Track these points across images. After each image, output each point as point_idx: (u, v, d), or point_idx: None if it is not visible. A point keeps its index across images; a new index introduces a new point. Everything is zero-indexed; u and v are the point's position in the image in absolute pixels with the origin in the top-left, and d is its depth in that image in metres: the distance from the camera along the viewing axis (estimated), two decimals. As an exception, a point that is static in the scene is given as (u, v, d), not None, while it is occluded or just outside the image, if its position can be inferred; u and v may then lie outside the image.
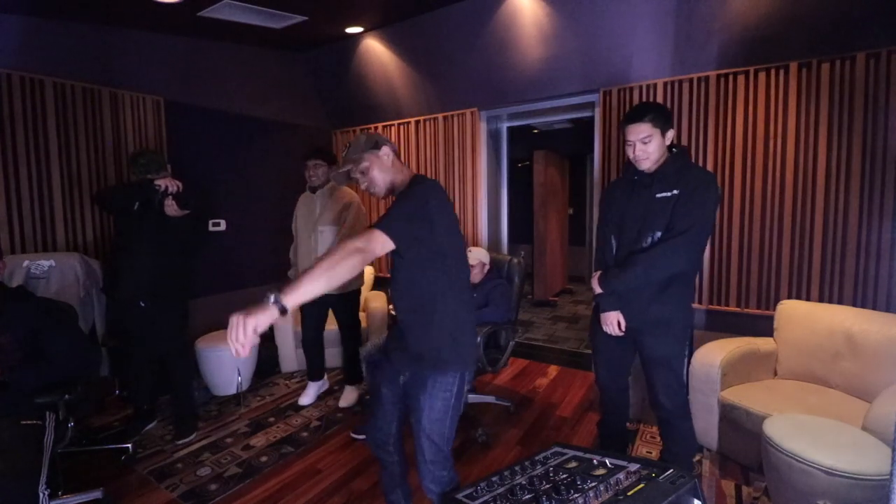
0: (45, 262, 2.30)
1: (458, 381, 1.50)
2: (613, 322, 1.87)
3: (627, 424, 2.69)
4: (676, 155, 1.77)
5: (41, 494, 1.50)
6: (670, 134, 1.75)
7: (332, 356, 3.66)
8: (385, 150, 1.52)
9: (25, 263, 2.27)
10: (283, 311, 1.11)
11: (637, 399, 2.73)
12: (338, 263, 1.20)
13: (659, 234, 1.74)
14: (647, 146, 1.71)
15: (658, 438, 2.45)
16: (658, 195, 1.73)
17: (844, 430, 1.68)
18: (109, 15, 3.03)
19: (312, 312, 3.03)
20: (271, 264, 4.11)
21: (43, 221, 2.89)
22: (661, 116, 1.72)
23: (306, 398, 3.14)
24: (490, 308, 2.69)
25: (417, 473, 1.54)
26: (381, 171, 1.52)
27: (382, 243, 1.31)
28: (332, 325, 3.70)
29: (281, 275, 3.61)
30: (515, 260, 3.00)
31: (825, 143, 2.59)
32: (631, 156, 1.77)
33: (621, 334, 1.88)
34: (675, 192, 1.70)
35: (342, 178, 1.58)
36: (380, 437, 1.68)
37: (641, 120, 1.71)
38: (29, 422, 1.66)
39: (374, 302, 3.70)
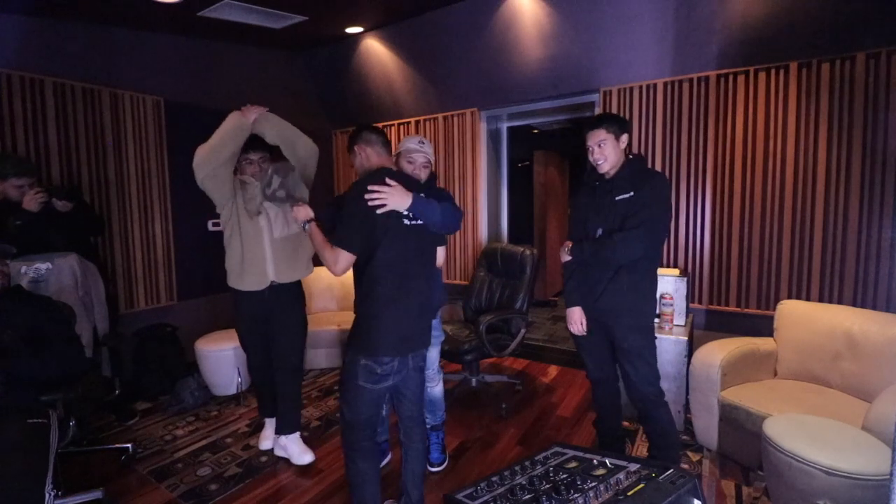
0: (42, 266, 2.29)
1: (350, 366, 1.63)
2: (577, 320, 2.03)
3: (626, 424, 2.69)
4: (632, 161, 1.95)
5: (48, 495, 1.49)
6: (624, 138, 1.92)
7: (333, 356, 3.66)
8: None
9: (23, 269, 2.27)
10: None
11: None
12: None
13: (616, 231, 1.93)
14: (603, 149, 1.89)
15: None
16: (617, 198, 1.89)
17: (844, 430, 1.68)
18: (109, 15, 3.03)
19: (254, 330, 2.36)
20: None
21: (43, 221, 2.89)
22: (615, 123, 1.91)
23: (268, 441, 2.51)
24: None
25: None
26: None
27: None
28: (327, 325, 3.69)
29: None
30: (528, 251, 3.04)
31: (825, 143, 2.59)
32: (591, 159, 1.95)
33: (584, 333, 2.03)
34: (631, 193, 1.86)
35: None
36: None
37: (598, 126, 1.90)
38: (35, 420, 1.66)
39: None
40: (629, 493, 1.20)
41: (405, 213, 1.59)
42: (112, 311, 2.78)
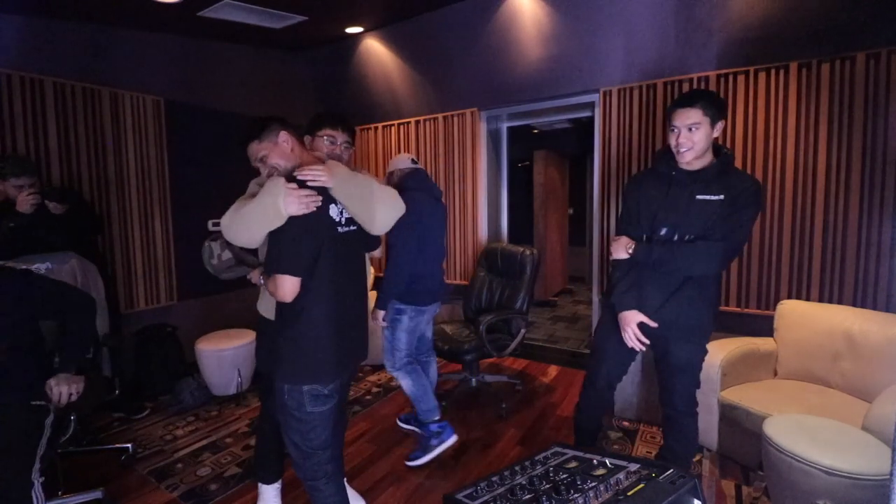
0: (41, 266, 2.29)
1: (292, 394, 1.42)
2: (633, 323, 1.73)
3: (626, 423, 2.70)
4: (724, 156, 1.66)
5: (35, 482, 1.48)
6: (720, 126, 1.61)
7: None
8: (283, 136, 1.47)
9: (23, 268, 2.27)
10: None
11: (638, 399, 2.73)
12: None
13: (693, 237, 1.66)
14: (693, 134, 1.58)
15: (658, 438, 2.45)
16: (699, 196, 1.62)
17: (844, 430, 1.68)
18: (109, 15, 3.03)
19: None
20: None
21: (43, 221, 2.89)
22: (713, 104, 1.59)
23: None
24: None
25: None
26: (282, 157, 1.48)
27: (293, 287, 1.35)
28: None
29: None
30: (528, 251, 3.05)
31: (825, 143, 2.59)
32: (673, 143, 1.64)
33: (642, 349, 1.77)
34: (721, 196, 1.59)
35: None
36: None
37: (692, 105, 1.58)
38: (38, 402, 1.69)
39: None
40: (629, 493, 1.19)
41: (338, 219, 1.45)
42: (112, 311, 2.78)
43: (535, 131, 6.69)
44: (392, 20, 3.72)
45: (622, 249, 1.75)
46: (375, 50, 4.02)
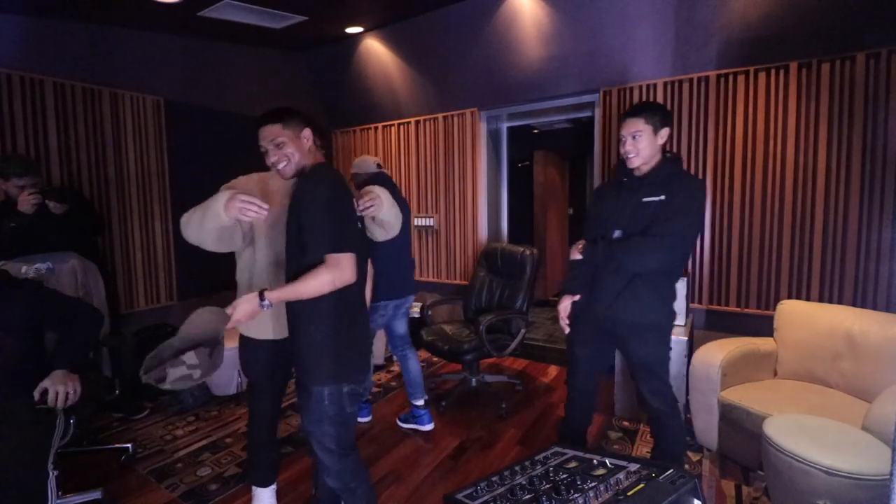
0: (42, 266, 2.29)
1: (333, 397, 1.41)
2: (561, 304, 1.93)
3: (626, 423, 2.70)
4: (668, 161, 1.79)
5: (51, 473, 1.64)
6: (664, 132, 1.75)
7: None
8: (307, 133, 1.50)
9: (24, 269, 2.27)
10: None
11: (637, 399, 2.73)
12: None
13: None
14: (637, 142, 1.73)
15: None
16: (644, 199, 1.74)
17: (844, 430, 1.68)
18: (109, 15, 3.03)
19: (269, 383, 1.96)
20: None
21: (43, 221, 2.89)
22: (655, 114, 1.74)
23: None
24: None
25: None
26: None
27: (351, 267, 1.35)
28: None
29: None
30: (528, 251, 3.06)
31: (825, 143, 2.59)
32: (622, 150, 1.79)
33: (566, 329, 1.95)
34: (662, 197, 1.71)
35: None
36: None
37: (635, 115, 1.75)
38: (42, 406, 1.72)
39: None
40: (629, 493, 1.20)
41: (358, 213, 1.52)
42: (112, 311, 2.78)
43: (535, 131, 6.68)
44: (392, 20, 3.72)
45: (576, 251, 1.92)
46: (375, 50, 4.02)
